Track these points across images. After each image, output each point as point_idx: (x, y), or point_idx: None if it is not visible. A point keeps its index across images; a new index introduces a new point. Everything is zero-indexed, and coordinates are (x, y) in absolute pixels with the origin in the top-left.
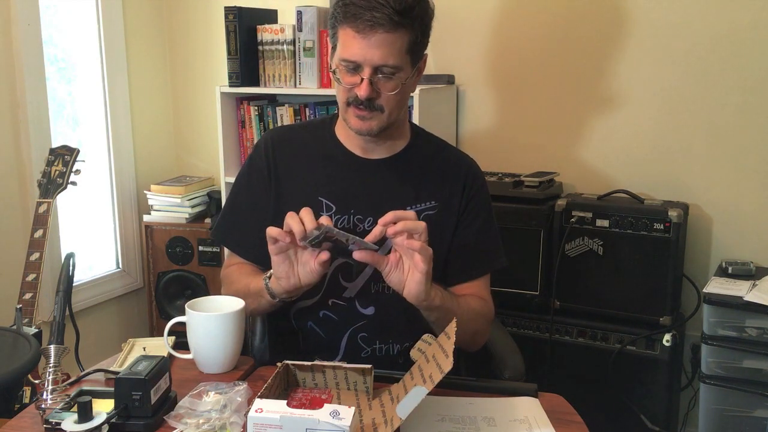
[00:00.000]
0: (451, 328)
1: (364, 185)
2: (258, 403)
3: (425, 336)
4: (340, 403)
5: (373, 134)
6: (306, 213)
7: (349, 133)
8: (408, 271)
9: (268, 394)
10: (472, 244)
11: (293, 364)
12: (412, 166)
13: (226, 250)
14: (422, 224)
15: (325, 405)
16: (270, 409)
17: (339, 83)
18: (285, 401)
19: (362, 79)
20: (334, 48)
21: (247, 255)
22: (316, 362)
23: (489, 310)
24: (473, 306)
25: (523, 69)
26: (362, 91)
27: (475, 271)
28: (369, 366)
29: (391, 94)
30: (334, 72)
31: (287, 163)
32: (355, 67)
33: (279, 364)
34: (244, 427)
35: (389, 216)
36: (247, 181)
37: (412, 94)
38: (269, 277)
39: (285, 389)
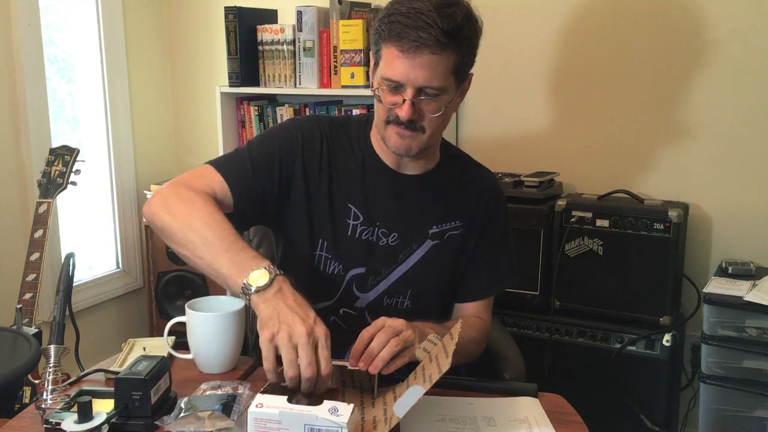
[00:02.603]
0: (456, 329)
1: (394, 200)
2: (258, 398)
3: (431, 336)
4: (344, 401)
5: (411, 155)
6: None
7: (383, 145)
8: None
9: (272, 390)
10: (484, 265)
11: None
12: (441, 185)
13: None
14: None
15: (325, 401)
16: (270, 404)
17: (380, 102)
18: (285, 397)
19: (404, 100)
20: (376, 64)
21: (236, 185)
22: None
23: (485, 330)
24: (470, 335)
25: (523, 69)
26: (404, 113)
27: (484, 292)
28: None
29: (433, 116)
30: (375, 90)
31: (330, 159)
32: (397, 87)
33: None
34: (245, 426)
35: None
36: (278, 142)
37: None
38: (256, 291)
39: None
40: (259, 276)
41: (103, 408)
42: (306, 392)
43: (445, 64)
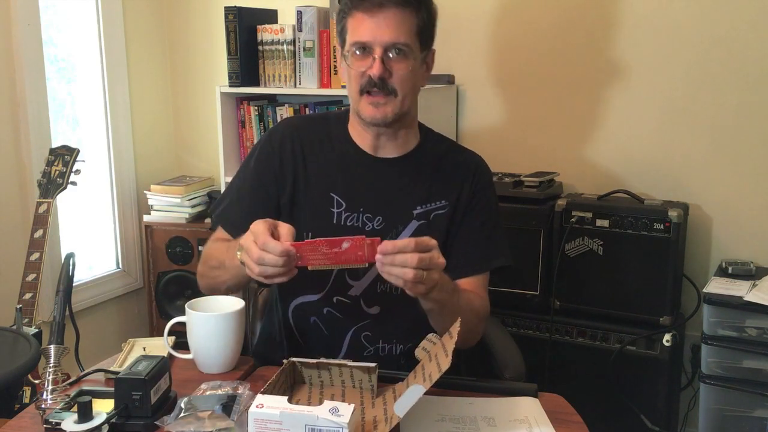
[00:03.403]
0: (455, 327)
1: (375, 184)
2: (259, 398)
3: (430, 335)
4: (344, 393)
5: (388, 122)
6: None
7: (360, 132)
8: None
9: (272, 390)
10: (473, 241)
11: (299, 362)
12: (423, 166)
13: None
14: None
15: (325, 402)
16: (270, 404)
17: (350, 68)
18: (286, 397)
19: (374, 59)
20: (343, 44)
21: (238, 233)
22: (322, 360)
23: (485, 308)
24: (474, 304)
25: (523, 69)
26: (375, 70)
27: (474, 268)
28: (374, 365)
29: (403, 74)
30: (345, 54)
31: (304, 155)
32: (365, 49)
33: (285, 361)
34: (245, 426)
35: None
36: (255, 167)
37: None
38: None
39: (291, 386)
40: (240, 253)
41: (103, 408)
42: (283, 270)
43: (408, 24)
